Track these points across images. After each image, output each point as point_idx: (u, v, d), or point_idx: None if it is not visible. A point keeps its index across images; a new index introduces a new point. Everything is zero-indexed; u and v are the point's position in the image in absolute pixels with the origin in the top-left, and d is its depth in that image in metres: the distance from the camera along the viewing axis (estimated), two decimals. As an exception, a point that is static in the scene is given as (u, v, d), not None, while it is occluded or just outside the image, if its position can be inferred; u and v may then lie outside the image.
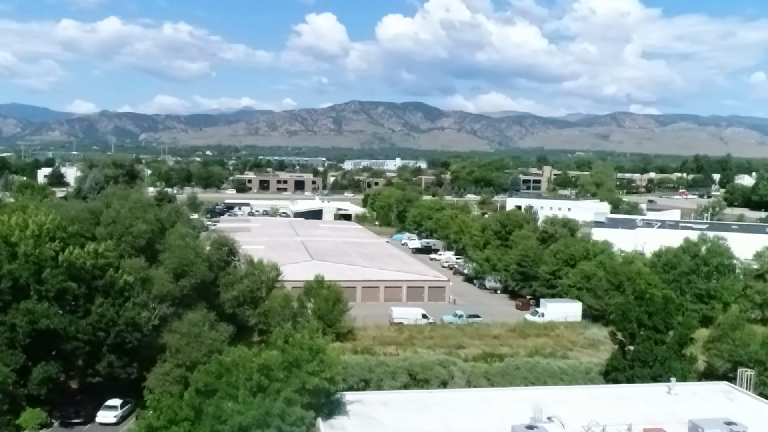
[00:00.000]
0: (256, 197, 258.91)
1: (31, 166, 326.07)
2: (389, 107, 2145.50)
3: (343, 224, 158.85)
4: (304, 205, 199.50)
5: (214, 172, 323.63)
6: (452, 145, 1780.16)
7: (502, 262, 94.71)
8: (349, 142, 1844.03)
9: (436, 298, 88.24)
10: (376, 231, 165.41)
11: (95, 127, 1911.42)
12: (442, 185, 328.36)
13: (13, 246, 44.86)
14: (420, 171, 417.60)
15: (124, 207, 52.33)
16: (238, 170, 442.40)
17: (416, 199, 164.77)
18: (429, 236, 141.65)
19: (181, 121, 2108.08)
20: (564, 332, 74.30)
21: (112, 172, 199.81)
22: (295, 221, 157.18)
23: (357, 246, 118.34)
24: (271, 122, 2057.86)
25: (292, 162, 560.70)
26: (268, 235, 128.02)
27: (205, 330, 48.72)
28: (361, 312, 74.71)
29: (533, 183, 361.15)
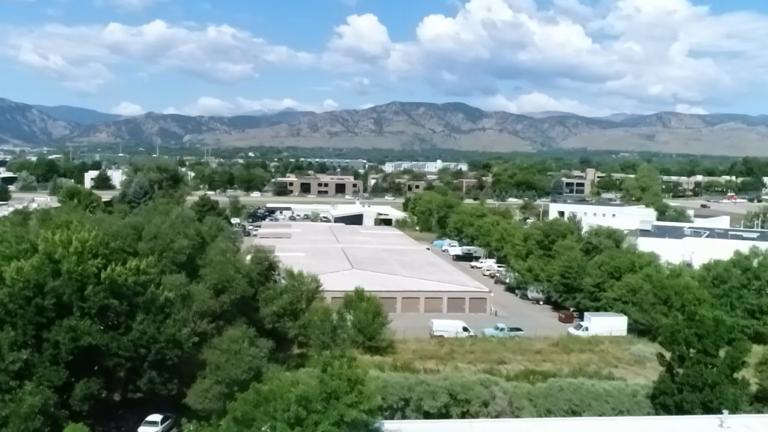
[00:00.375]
0: (297, 201, 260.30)
1: (79, 169, 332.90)
2: (430, 108, 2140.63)
3: (384, 230, 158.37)
4: (345, 209, 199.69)
5: (256, 175, 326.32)
6: (494, 146, 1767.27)
7: (544, 273, 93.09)
8: (390, 143, 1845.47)
9: (477, 310, 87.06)
10: (416, 237, 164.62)
11: (141, 129, 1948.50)
12: (483, 188, 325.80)
13: (56, 263, 45.29)
14: (461, 173, 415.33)
15: (166, 222, 52.57)
16: (280, 172, 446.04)
17: (457, 205, 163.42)
18: (470, 243, 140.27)
19: (224, 122, 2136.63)
20: (609, 348, 72.53)
21: (156, 176, 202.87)
22: (335, 227, 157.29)
23: (397, 253, 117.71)
24: (313, 123, 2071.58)
25: (333, 164, 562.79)
26: (308, 242, 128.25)
27: (244, 347, 48.58)
28: (401, 324, 73.98)
29: (576, 186, 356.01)
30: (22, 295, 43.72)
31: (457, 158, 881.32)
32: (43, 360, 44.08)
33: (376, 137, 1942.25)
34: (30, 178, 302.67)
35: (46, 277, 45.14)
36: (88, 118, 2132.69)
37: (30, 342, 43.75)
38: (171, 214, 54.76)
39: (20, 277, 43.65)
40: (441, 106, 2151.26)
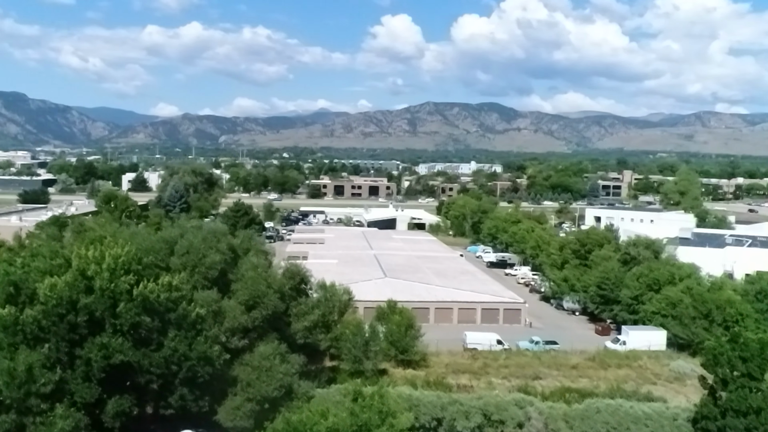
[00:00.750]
0: (330, 204, 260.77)
1: (117, 171, 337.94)
2: (464, 108, 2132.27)
3: (417, 235, 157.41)
4: (378, 213, 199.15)
5: (290, 177, 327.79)
6: (529, 146, 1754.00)
7: (580, 283, 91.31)
8: (424, 144, 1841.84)
9: (511, 321, 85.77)
10: (450, 242, 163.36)
11: (177, 130, 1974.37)
12: (517, 191, 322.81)
13: (89, 279, 45.34)
14: (495, 176, 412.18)
15: (198, 237, 52.44)
16: (314, 174, 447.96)
17: (491, 210, 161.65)
18: (505, 249, 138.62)
19: (259, 123, 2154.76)
20: (647, 363, 70.69)
21: (191, 180, 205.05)
22: (368, 232, 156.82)
23: (430, 261, 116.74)
24: (347, 124, 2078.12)
25: (367, 166, 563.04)
26: (341, 248, 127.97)
27: (275, 363, 48.21)
28: (434, 335, 73.06)
29: (613, 189, 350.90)
30: (55, 312, 43.85)
31: (492, 159, 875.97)
32: (75, 377, 44.17)
33: (410, 138, 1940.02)
34: (69, 181, 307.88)
35: (79, 293, 45.26)
36: (126, 119, 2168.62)
37: (63, 359, 43.88)
38: (203, 228, 54.41)
39: (54, 294, 43.80)
40: (475, 106, 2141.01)
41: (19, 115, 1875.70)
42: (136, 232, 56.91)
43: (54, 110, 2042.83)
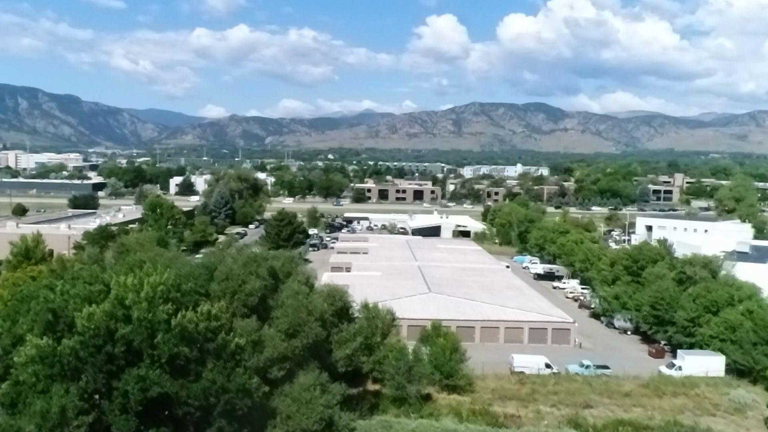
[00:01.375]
0: (374, 208, 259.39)
1: (165, 175, 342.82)
2: (510, 108, 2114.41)
3: (462, 244, 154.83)
4: (422, 221, 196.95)
5: (335, 181, 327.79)
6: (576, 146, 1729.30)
7: (632, 301, 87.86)
8: (469, 145, 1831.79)
9: (560, 341, 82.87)
10: (495, 251, 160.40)
11: (225, 131, 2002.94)
12: (565, 196, 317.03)
13: (127, 309, 44.51)
14: (542, 179, 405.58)
15: (238, 262, 51.29)
16: (358, 177, 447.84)
17: (539, 220, 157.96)
18: (552, 261, 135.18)
19: (305, 124, 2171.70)
20: (705, 391, 67.18)
21: (236, 185, 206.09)
22: (412, 240, 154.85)
23: (476, 273, 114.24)
24: (392, 125, 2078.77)
25: (411, 168, 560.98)
26: (385, 258, 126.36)
27: (316, 395, 46.78)
28: (480, 356, 70.74)
29: (664, 193, 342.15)
30: (93, 343, 43.09)
31: (538, 161, 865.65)
32: (113, 409, 43.34)
33: (455, 138, 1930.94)
34: (118, 185, 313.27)
35: (117, 322, 44.48)
36: (174, 120, 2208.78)
37: (100, 391, 43.10)
38: (243, 253, 53.29)
39: (91, 323, 43.06)
40: (521, 107, 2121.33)
41: (73, 117, 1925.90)
42: (176, 257, 56.04)
43: (106, 112, 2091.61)
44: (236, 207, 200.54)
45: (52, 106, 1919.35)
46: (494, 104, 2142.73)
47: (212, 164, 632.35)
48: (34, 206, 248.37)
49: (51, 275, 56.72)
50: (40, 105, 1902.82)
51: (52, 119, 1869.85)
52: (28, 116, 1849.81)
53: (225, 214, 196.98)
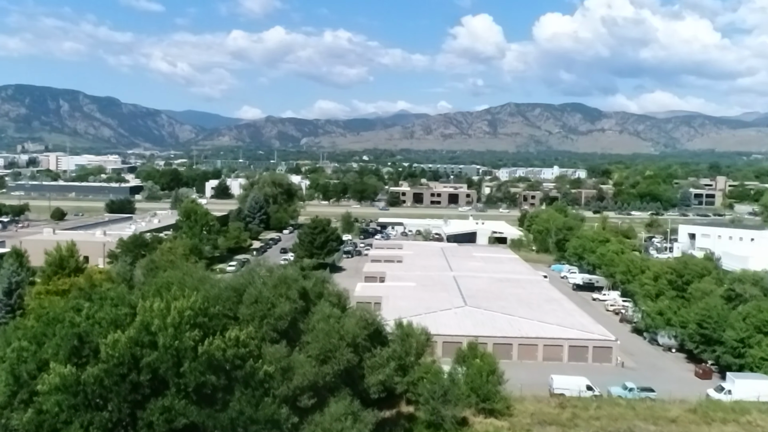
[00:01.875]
0: (409, 213, 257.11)
1: (201, 178, 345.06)
2: (546, 109, 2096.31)
3: (498, 253, 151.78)
4: (458, 226, 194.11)
5: (369, 185, 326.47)
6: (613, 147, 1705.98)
7: (677, 317, 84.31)
8: (505, 145, 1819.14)
9: (601, 360, 79.77)
10: (532, 258, 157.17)
11: (261, 132, 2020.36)
12: (603, 200, 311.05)
13: (153, 335, 43.10)
14: (579, 182, 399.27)
15: (268, 284, 49.59)
16: (393, 180, 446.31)
17: (578, 228, 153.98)
18: (592, 271, 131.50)
19: (340, 125, 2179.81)
20: (757, 419, 63.58)
21: (271, 190, 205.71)
22: (447, 248, 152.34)
23: (513, 285, 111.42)
24: (426, 126, 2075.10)
25: (446, 171, 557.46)
26: (419, 268, 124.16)
27: (347, 426, 44.90)
28: (518, 375, 68.19)
29: (706, 198, 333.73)
30: (117, 372, 41.78)
31: (575, 162, 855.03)
32: (138, 438, 41.99)
33: (491, 139, 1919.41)
34: (155, 188, 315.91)
35: (143, 348, 43.12)
36: (212, 122, 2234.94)
37: (124, 421, 41.75)
38: (273, 274, 51.54)
39: (116, 351, 41.75)
40: (558, 107, 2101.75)
41: (113, 119, 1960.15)
42: (205, 277, 54.59)
43: (144, 114, 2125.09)
44: (270, 212, 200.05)
45: (93, 108, 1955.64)
46: (530, 104, 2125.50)
47: (248, 166, 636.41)
48: (73, 210, 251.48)
49: (79, 294, 55.75)
50: (81, 107, 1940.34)
51: (93, 121, 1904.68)
52: (70, 118, 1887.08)
53: (259, 219, 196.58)
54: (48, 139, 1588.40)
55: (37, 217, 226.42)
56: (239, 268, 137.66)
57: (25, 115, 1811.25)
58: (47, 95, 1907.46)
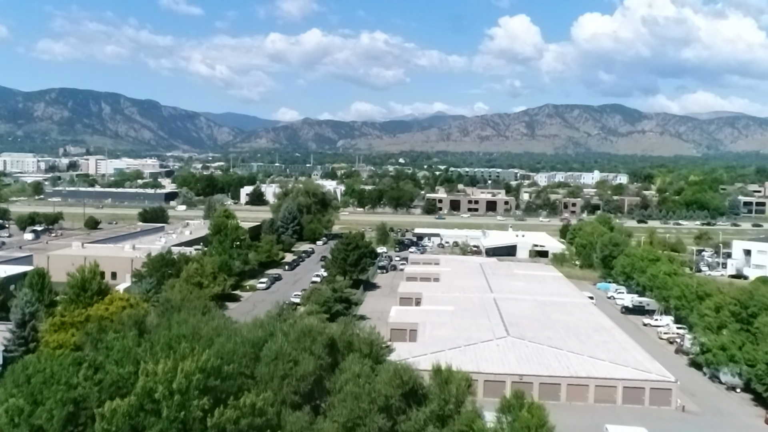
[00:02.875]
0: (446, 223, 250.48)
1: (236, 183, 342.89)
2: (585, 110, 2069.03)
3: (540, 269, 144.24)
4: (497, 239, 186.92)
5: (405, 191, 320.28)
6: (654, 149, 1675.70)
7: (743, 353, 76.61)
8: (543, 147, 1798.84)
9: (659, 403, 72.44)
10: (576, 275, 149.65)
11: (298, 135, 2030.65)
12: (647, 208, 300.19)
13: (157, 403, 37.70)
14: (621, 188, 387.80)
15: (289, 336, 44.02)
16: (429, 185, 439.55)
17: (625, 244, 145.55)
18: (641, 292, 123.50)
19: (377, 127, 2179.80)
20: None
21: (304, 200, 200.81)
22: (487, 264, 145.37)
23: (558, 309, 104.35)
24: (463, 128, 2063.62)
25: (484, 176, 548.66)
26: (458, 288, 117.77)
27: (378, 504, 39.05)
28: (567, 420, 61.43)
29: (756, 206, 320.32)
30: (115, 445, 36.53)
31: (615, 165, 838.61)
32: None
33: (528, 141, 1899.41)
34: (190, 194, 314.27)
35: (146, 416, 37.81)
36: (250, 124, 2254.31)
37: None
38: (296, 326, 45.92)
39: (113, 425, 36.45)
40: (597, 108, 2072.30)
41: (153, 121, 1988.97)
42: (221, 327, 49.10)
43: (184, 116, 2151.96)
44: (304, 222, 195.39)
45: (133, 111, 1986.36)
46: (569, 106, 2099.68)
47: (284, 170, 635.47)
48: (107, 218, 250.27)
49: (86, 338, 50.86)
50: (122, 110, 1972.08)
51: (133, 123, 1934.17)
52: (111, 121, 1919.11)
53: (292, 230, 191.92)
54: (90, 141, 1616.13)
55: (71, 226, 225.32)
56: (270, 284, 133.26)
57: (68, 117, 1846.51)
58: (89, 98, 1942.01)
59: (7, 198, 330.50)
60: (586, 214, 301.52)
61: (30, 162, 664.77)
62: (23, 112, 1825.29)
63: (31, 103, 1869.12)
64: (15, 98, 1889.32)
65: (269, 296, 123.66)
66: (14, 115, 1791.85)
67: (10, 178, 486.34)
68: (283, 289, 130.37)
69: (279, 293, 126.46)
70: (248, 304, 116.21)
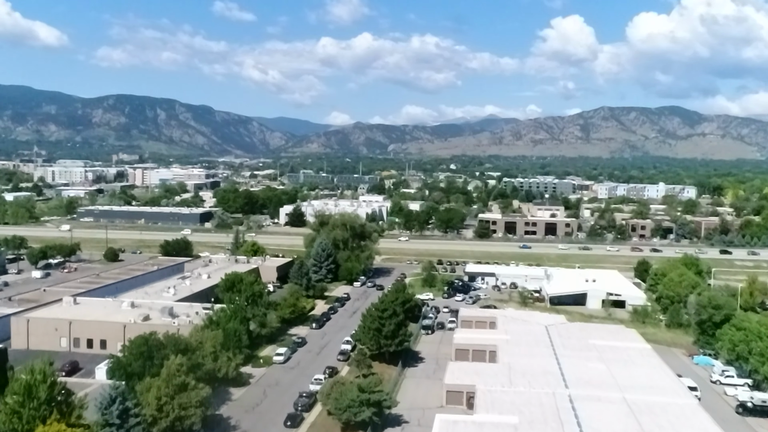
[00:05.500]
0: (501, 251, 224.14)
1: (276, 202, 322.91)
2: (642, 112, 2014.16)
3: (622, 338, 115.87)
4: (562, 283, 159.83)
5: (455, 212, 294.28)
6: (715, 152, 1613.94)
7: None
8: (598, 151, 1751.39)
9: None
10: (663, 339, 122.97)
11: (349, 139, 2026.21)
12: (728, 233, 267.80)
13: None
14: (693, 206, 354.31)
15: None
16: (481, 200, 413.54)
17: (730, 307, 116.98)
18: (760, 383, 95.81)
19: (428, 131, 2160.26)
20: None
21: (341, 234, 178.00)
22: (555, 330, 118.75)
23: (657, 418, 78.14)
24: (516, 131, 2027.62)
25: (539, 188, 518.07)
26: (520, 375, 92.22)
27: None
28: None
29: None
30: None
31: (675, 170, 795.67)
32: None
33: (583, 144, 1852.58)
34: (225, 216, 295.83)
35: None
36: (301, 128, 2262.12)
37: None
38: None
39: None
40: (654, 110, 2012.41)
41: (206, 126, 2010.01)
42: None
43: (237, 121, 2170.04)
44: (340, 260, 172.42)
45: (188, 117, 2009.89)
46: (625, 108, 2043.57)
47: (331, 180, 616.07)
48: (133, 245, 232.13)
49: None
50: (177, 115, 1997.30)
51: (188, 129, 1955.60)
52: (166, 126, 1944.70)
53: (326, 269, 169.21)
54: (145, 147, 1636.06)
55: (89, 256, 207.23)
56: (289, 355, 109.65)
57: (125, 123, 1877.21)
58: (145, 104, 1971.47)
59: (40, 216, 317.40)
60: (657, 239, 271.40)
61: (78, 172, 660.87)
62: (82, 118, 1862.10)
63: (89, 110, 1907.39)
64: (74, 105, 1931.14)
65: (286, 375, 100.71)
66: (73, 121, 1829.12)
67: (53, 190, 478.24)
68: (305, 362, 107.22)
69: (299, 369, 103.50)
70: (257, 391, 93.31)
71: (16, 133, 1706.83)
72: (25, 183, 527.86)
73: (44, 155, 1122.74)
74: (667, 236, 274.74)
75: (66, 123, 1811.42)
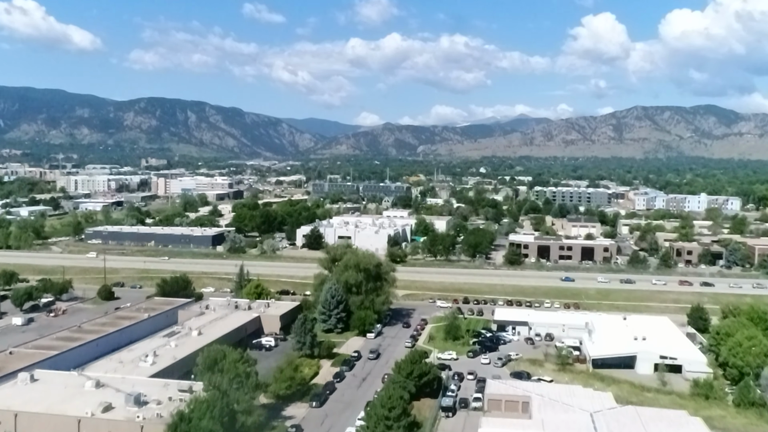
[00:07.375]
0: (534, 285, 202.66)
1: (293, 224, 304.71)
2: (677, 112, 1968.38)
3: (685, 426, 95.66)
4: (607, 343, 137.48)
5: (484, 235, 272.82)
6: (753, 152, 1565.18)
7: None
8: (631, 152, 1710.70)
9: None
10: (734, 427, 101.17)
11: (378, 140, 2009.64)
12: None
13: None
14: (742, 224, 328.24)
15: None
16: (512, 214, 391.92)
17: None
18: None
19: (457, 132, 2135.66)
20: None
21: (353, 277, 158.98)
22: (602, 422, 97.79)
23: None
24: (547, 131, 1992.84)
25: (573, 201, 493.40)
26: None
27: None
28: None
29: None
30: None
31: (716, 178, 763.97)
32: None
33: (616, 145, 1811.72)
34: (238, 238, 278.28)
35: None
36: (331, 130, 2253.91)
37: None
38: None
39: None
40: (689, 110, 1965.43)
41: (236, 128, 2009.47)
42: None
43: (266, 123, 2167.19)
44: (352, 306, 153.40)
45: (218, 119, 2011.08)
46: (659, 107, 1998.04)
47: (356, 190, 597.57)
48: (135, 276, 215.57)
49: None
50: (207, 118, 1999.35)
51: (218, 131, 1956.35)
52: (197, 129, 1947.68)
53: (336, 318, 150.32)
54: (176, 149, 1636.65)
55: (83, 293, 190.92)
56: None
57: (156, 126, 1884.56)
58: (176, 107, 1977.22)
59: (50, 236, 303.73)
60: (705, 265, 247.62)
61: (101, 181, 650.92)
62: (114, 121, 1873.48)
63: (121, 113, 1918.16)
64: (107, 108, 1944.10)
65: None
66: (105, 124, 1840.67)
67: (72, 203, 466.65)
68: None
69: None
70: None
71: (50, 136, 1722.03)
72: (44, 195, 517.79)
73: (75, 159, 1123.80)
74: (716, 262, 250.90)
75: (98, 126, 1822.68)
